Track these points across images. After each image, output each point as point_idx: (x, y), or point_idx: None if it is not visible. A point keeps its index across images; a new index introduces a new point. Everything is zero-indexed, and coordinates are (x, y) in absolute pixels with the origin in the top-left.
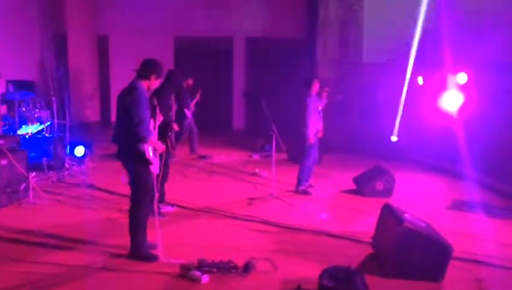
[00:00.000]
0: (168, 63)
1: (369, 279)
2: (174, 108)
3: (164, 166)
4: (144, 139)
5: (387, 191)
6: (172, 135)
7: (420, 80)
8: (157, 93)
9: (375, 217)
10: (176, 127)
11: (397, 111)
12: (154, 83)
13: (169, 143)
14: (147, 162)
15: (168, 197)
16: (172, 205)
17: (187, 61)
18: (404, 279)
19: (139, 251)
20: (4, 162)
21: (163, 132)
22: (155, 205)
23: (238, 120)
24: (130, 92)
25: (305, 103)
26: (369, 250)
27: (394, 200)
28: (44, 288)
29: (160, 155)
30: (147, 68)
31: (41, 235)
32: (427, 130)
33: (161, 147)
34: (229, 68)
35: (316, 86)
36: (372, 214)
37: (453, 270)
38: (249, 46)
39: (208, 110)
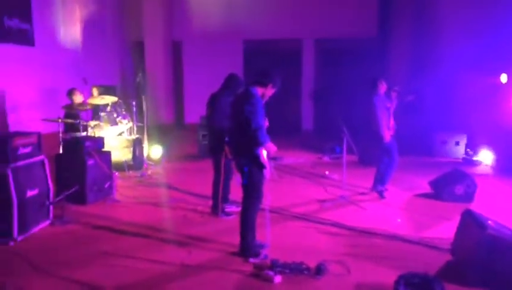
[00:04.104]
0: (237, 66)
1: (449, 287)
2: None
3: (226, 167)
4: (261, 144)
5: (468, 196)
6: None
7: (504, 78)
8: (214, 97)
9: (454, 223)
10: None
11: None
12: (269, 91)
13: (226, 148)
14: (261, 166)
15: (238, 199)
16: (238, 204)
17: (256, 64)
18: (486, 289)
19: (249, 250)
20: (91, 162)
21: (221, 137)
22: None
23: (307, 121)
24: (247, 98)
25: (372, 102)
26: (448, 257)
27: (475, 206)
28: (128, 280)
29: (218, 158)
30: (267, 76)
31: (127, 232)
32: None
33: (273, 148)
34: (298, 69)
35: (382, 87)
36: (450, 219)
37: None
38: (317, 47)
39: (277, 112)
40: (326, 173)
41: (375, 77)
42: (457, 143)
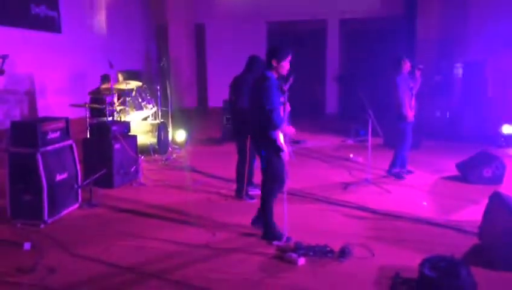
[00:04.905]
0: (261, 48)
1: (475, 271)
2: None
3: (251, 150)
4: (276, 126)
5: (496, 178)
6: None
7: None
8: (237, 80)
9: (481, 206)
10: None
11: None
12: (279, 67)
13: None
14: (278, 149)
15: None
16: None
17: None
18: None
19: (272, 232)
20: (117, 146)
21: (245, 120)
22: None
23: (332, 104)
24: (262, 82)
25: (395, 82)
26: (475, 240)
27: (504, 189)
28: (154, 261)
29: (243, 141)
30: (267, 56)
31: (153, 214)
32: None
33: (291, 131)
34: (322, 51)
35: (406, 66)
36: (478, 202)
37: None
38: (342, 28)
39: (301, 95)
40: (351, 156)
41: (399, 56)
42: (486, 125)
